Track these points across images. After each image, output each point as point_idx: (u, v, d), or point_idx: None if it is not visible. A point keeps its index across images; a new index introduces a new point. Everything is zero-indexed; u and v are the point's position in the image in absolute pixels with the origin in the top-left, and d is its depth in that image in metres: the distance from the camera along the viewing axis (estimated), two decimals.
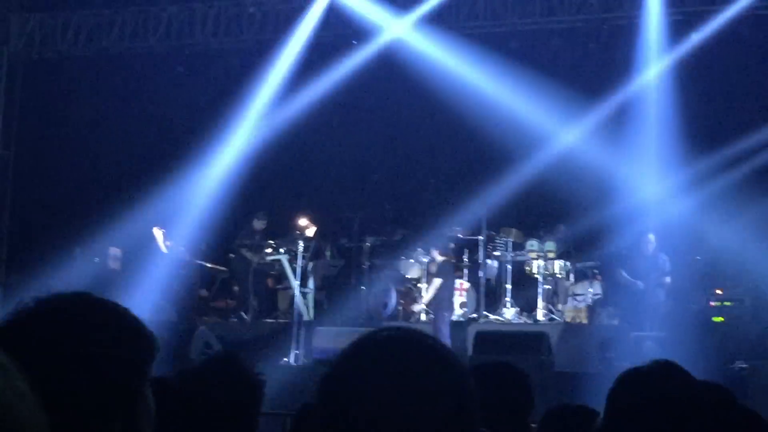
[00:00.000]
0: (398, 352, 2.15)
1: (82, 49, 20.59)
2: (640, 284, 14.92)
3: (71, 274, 18.11)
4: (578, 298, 17.54)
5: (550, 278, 16.96)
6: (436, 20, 18.78)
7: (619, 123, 18.44)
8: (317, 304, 17.00)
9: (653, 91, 17.93)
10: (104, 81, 20.58)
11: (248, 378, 3.83)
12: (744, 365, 12.70)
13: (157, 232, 18.71)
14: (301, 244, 16.23)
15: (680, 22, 17.93)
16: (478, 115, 18.61)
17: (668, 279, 14.98)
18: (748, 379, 12.57)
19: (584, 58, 18.64)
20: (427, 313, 16.49)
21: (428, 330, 15.51)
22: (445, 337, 14.75)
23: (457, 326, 15.95)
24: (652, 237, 15.30)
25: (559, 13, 18.45)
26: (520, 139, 18.41)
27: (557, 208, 17.93)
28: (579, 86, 18.90)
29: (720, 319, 15.09)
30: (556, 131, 18.73)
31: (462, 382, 2.14)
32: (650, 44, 17.78)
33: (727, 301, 15.44)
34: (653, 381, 3.39)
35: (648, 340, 13.30)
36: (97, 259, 18.50)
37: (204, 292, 19.07)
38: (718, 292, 15.83)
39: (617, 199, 18.48)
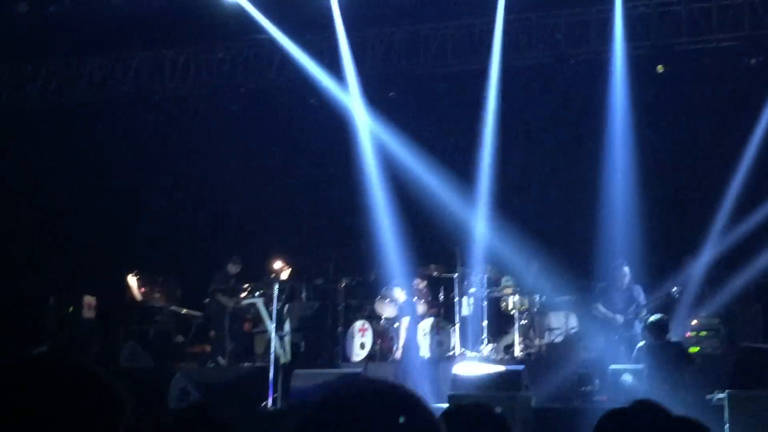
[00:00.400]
0: (368, 407, 2.16)
1: (51, 98, 20.57)
2: (618, 318, 14.91)
3: (46, 324, 18.04)
4: (555, 332, 17.56)
5: (526, 313, 16.97)
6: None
7: (590, 155, 18.60)
8: (294, 346, 16.96)
9: (619, 122, 18.11)
10: (73, 130, 20.55)
11: (221, 428, 3.83)
12: (721, 395, 12.71)
13: (132, 279, 18.67)
14: (276, 287, 16.20)
15: (643, 57, 18.16)
16: (448, 155, 18.78)
17: (644, 311, 14.92)
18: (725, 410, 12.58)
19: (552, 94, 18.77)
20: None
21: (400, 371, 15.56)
22: (414, 379, 14.78)
23: (434, 364, 15.93)
24: (626, 269, 15.29)
25: (526, 50, 18.65)
26: (490, 175, 18.60)
27: (530, 244, 18.00)
28: (548, 121, 19.14)
29: (696, 349, 15.17)
30: (523, 166, 18.92)
31: None
32: (616, 78, 17.97)
33: (702, 331, 15.52)
34: (634, 422, 3.40)
35: (626, 373, 13.29)
36: (71, 309, 18.39)
37: (180, 338, 19.00)
38: (694, 322, 15.91)
39: (589, 232, 18.64)
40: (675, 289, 14.95)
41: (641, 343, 13.10)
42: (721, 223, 17.31)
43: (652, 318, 13.54)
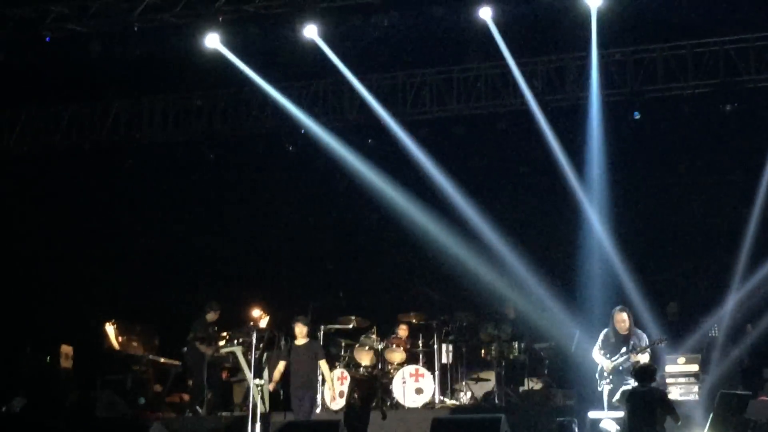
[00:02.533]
0: None
1: (29, 145, 20.54)
2: (606, 363, 14.63)
3: (22, 373, 17.91)
4: (534, 379, 17.55)
5: (505, 361, 16.94)
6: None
7: (568, 199, 18.73)
8: (273, 395, 16.83)
9: (596, 168, 18.24)
10: (51, 177, 20.50)
11: None
12: None
13: (109, 328, 18.56)
14: (254, 335, 16.09)
15: (620, 103, 18.30)
16: (429, 199, 18.87)
17: (641, 356, 14.52)
18: None
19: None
20: (384, 400, 16.40)
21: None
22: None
23: (414, 413, 15.86)
24: (626, 315, 14.55)
25: (504, 97, 18.76)
26: (465, 221, 18.70)
27: (507, 291, 18.06)
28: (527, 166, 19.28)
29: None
30: (503, 211, 19.02)
31: None
32: (592, 124, 18.10)
33: (681, 377, 15.52)
34: None
35: (605, 420, 13.25)
36: (48, 358, 18.26)
37: (158, 387, 18.86)
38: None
39: (569, 277, 18.72)
40: (659, 340, 14.89)
41: (625, 387, 13.08)
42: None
43: (641, 363, 13.50)
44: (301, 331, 15.42)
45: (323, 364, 15.47)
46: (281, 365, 15.46)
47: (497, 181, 20.23)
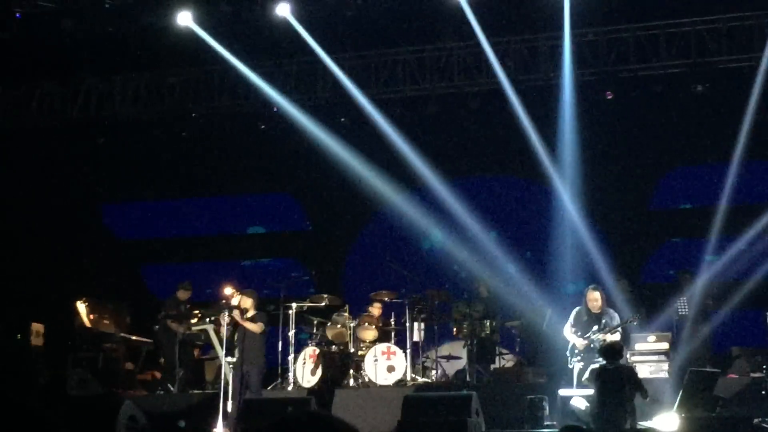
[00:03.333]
0: None
1: (0, 123, 20.42)
2: (578, 341, 14.61)
3: None
4: (506, 357, 17.65)
5: (476, 338, 17.01)
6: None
7: (541, 178, 18.81)
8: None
9: (568, 148, 18.30)
10: (21, 154, 20.37)
11: None
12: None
13: (80, 306, 18.49)
14: (226, 313, 16.06)
15: (592, 83, 18.35)
16: (402, 177, 18.90)
17: (610, 336, 14.49)
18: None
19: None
20: (355, 378, 16.44)
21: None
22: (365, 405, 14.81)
23: (386, 391, 15.91)
24: (599, 293, 14.56)
25: (477, 77, 18.78)
26: (437, 200, 18.76)
27: (479, 269, 18.11)
28: (499, 147, 19.33)
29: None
30: (476, 190, 19.07)
31: None
32: (565, 104, 18.14)
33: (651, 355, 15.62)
34: None
35: (575, 397, 13.33)
36: (19, 336, 18.18)
37: (129, 365, 18.82)
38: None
39: (540, 256, 18.81)
40: (631, 318, 14.98)
41: (594, 366, 13.15)
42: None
43: (607, 342, 13.58)
44: (246, 303, 15.09)
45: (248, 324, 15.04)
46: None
47: (470, 160, 20.29)
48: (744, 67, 17.73)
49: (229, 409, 14.58)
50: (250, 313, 15.11)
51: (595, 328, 14.37)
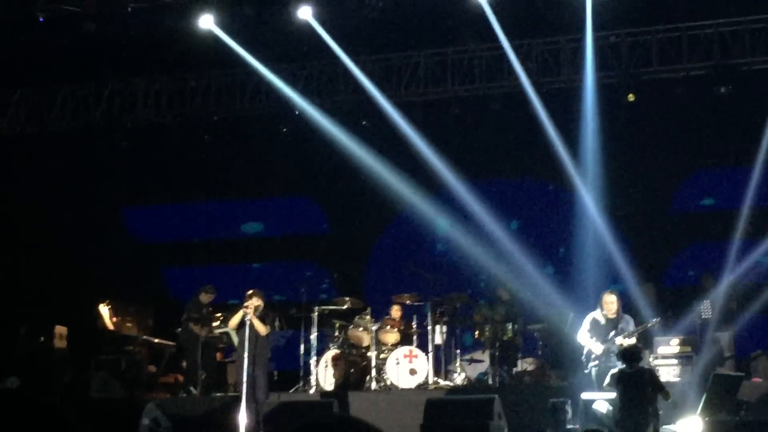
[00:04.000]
0: None
1: (22, 126, 20.50)
2: (597, 346, 14.57)
3: (17, 354, 17.91)
4: (528, 360, 17.60)
5: (498, 342, 16.97)
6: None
7: (563, 182, 18.79)
8: (268, 376, 16.86)
9: (590, 151, 18.25)
10: (45, 158, 20.46)
11: None
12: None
13: (103, 309, 18.56)
14: (248, 316, 16.05)
15: (614, 85, 18.29)
16: (424, 182, 18.89)
17: (628, 340, 14.44)
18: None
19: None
20: (377, 381, 16.45)
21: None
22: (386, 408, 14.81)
23: (408, 394, 15.90)
24: (615, 298, 14.59)
25: (498, 79, 18.75)
26: (459, 203, 18.75)
27: (502, 273, 18.07)
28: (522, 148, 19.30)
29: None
30: (498, 193, 19.05)
31: None
32: (587, 106, 18.10)
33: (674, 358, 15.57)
34: None
35: (598, 401, 13.30)
36: (42, 338, 18.26)
37: (152, 368, 18.88)
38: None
39: (562, 260, 18.77)
40: (654, 320, 14.95)
41: (614, 370, 13.11)
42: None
43: (625, 345, 13.56)
44: (255, 305, 14.95)
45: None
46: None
47: (492, 163, 20.26)
48: (767, 68, 17.64)
49: (243, 412, 14.53)
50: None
51: (612, 333, 14.34)
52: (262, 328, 14.74)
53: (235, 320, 14.90)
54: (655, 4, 17.90)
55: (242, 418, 14.30)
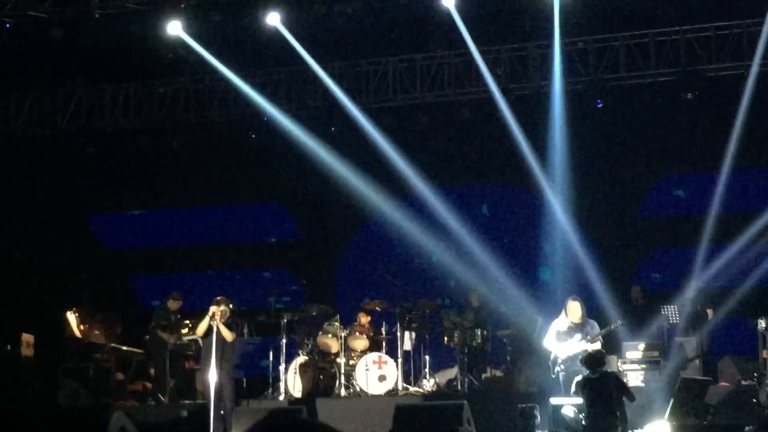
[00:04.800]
0: None
1: None
2: (561, 351, 14.65)
3: None
4: (497, 366, 17.63)
5: (467, 348, 16.99)
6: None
7: (530, 187, 18.86)
8: (235, 383, 16.80)
9: (558, 156, 18.32)
10: (11, 164, 20.30)
11: None
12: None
13: (71, 316, 18.45)
14: (216, 324, 15.99)
15: (582, 91, 18.37)
16: (391, 187, 18.90)
17: (592, 345, 14.52)
18: None
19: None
20: (347, 387, 16.42)
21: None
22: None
23: (377, 400, 15.89)
24: (579, 304, 14.76)
25: (467, 86, 18.79)
26: (427, 209, 18.77)
27: (471, 279, 18.10)
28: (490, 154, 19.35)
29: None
30: (465, 198, 19.09)
31: None
32: (555, 112, 18.17)
33: (642, 363, 15.64)
34: None
35: (566, 406, 13.34)
36: (9, 347, 18.11)
37: (120, 376, 18.77)
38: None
39: (531, 265, 18.82)
40: (616, 323, 15.04)
41: (578, 378, 13.16)
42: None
43: (589, 351, 13.65)
44: (221, 310, 14.90)
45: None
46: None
47: (461, 169, 20.30)
48: (733, 75, 17.77)
49: (211, 419, 14.49)
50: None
51: (578, 336, 14.43)
52: (228, 335, 14.70)
53: (201, 327, 14.87)
54: (621, 10, 17.99)
55: (212, 425, 14.26)
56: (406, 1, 17.74)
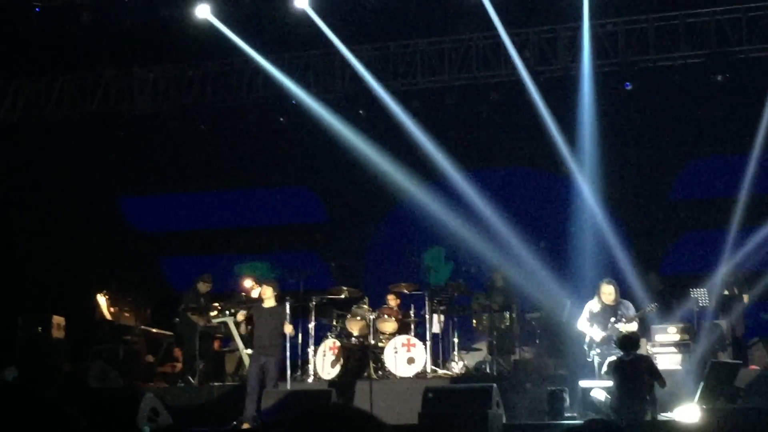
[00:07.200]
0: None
1: (20, 116, 20.47)
2: (597, 334, 14.56)
3: (14, 344, 17.90)
4: (526, 348, 17.61)
5: (496, 330, 16.99)
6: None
7: (560, 170, 18.80)
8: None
9: (587, 138, 18.24)
10: (42, 148, 20.41)
11: None
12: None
13: (101, 298, 18.56)
14: (244, 311, 16.08)
15: (611, 73, 18.28)
16: (420, 172, 18.88)
17: (629, 326, 14.35)
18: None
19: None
20: (375, 370, 16.45)
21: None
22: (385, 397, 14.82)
23: (406, 383, 15.91)
24: (613, 286, 14.50)
25: (495, 68, 18.73)
26: (455, 192, 18.75)
27: (497, 259, 18.07)
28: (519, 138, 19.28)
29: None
30: (495, 182, 19.04)
31: None
32: (584, 94, 18.09)
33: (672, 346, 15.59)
34: None
35: (595, 389, 13.32)
36: (40, 329, 18.26)
37: (150, 358, 18.89)
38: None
39: (561, 248, 18.77)
40: (651, 305, 14.99)
41: (611, 358, 13.13)
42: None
43: (623, 332, 13.58)
44: (266, 292, 15.15)
45: (289, 328, 15.28)
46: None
47: (489, 152, 20.25)
48: (764, 56, 17.63)
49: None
50: (271, 303, 15.13)
51: (613, 319, 14.32)
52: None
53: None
54: None
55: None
56: None
